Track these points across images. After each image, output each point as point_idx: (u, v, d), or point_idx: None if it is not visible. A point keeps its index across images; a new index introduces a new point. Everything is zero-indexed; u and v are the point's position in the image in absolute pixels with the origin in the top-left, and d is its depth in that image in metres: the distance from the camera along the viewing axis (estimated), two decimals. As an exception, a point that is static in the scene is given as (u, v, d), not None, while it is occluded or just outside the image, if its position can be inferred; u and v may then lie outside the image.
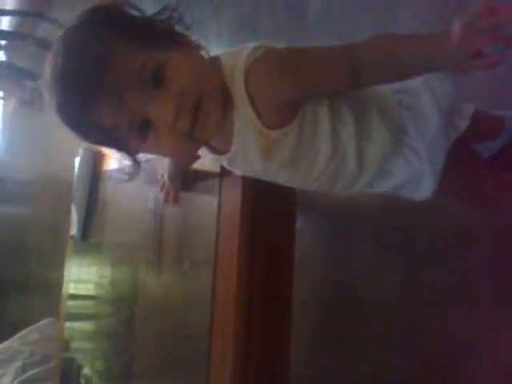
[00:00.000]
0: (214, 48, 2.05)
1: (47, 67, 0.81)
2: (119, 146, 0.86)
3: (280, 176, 0.94)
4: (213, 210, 1.12)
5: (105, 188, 1.77)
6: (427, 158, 0.91)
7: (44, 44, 3.93)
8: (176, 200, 1.26)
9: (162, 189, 1.29)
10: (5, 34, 4.82)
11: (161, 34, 0.82)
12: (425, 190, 0.94)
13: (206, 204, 1.19)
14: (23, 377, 2.50)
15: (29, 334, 2.81)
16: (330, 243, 1.45)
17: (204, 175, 0.93)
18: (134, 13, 0.84)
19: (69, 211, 1.90)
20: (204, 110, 0.79)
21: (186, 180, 1.25)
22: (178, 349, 1.33)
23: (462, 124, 0.95)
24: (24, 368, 2.55)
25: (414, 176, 0.94)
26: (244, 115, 0.83)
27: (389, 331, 1.29)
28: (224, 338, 1.06)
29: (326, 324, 1.44)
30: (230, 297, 1.05)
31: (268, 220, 1.02)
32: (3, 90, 5.20)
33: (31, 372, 2.52)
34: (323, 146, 0.88)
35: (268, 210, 0.92)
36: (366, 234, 1.36)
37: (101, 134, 0.83)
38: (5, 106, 5.48)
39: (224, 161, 0.93)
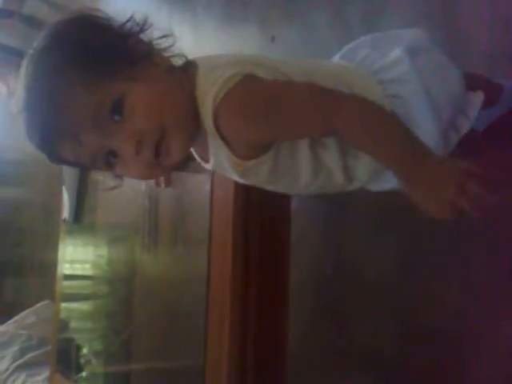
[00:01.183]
0: (202, 23, 2.02)
1: (17, 88, 0.79)
2: (92, 169, 0.86)
3: (264, 187, 0.92)
4: (206, 191, 1.11)
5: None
6: None
7: (31, 21, 3.86)
8: (168, 183, 1.24)
9: None
10: (-10, 12, 4.75)
11: (120, 59, 0.76)
12: None
13: (199, 184, 1.17)
14: (21, 360, 2.51)
15: (25, 317, 2.81)
16: (326, 222, 1.44)
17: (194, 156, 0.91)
18: (100, 24, 0.79)
19: (61, 192, 1.88)
20: (167, 140, 0.76)
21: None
22: (175, 327, 1.33)
23: (465, 125, 0.90)
24: (22, 351, 2.56)
25: None
26: (215, 143, 0.79)
27: (385, 308, 1.29)
28: (220, 318, 1.06)
29: (322, 303, 1.44)
30: (225, 276, 1.05)
31: (262, 200, 1.01)
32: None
33: (29, 355, 2.53)
34: (303, 170, 0.85)
35: (262, 190, 0.91)
36: (362, 212, 1.35)
37: (70, 163, 0.82)
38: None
39: (207, 167, 0.89)
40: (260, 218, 0.91)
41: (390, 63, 0.88)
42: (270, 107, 0.77)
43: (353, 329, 1.37)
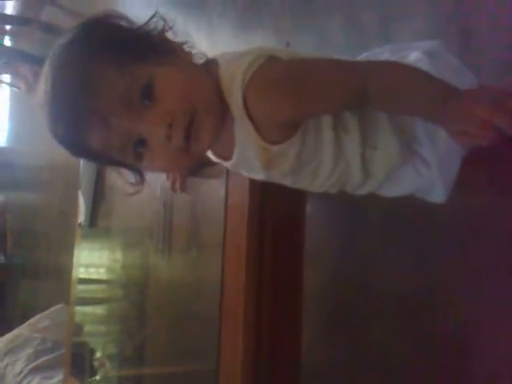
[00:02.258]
0: (217, 30, 2.02)
1: (40, 85, 0.79)
2: (118, 164, 0.85)
3: (284, 182, 0.92)
4: (221, 196, 1.12)
5: (111, 174, 1.77)
6: (438, 170, 0.86)
7: (49, 28, 3.91)
8: (183, 188, 1.24)
9: (168, 177, 1.27)
10: (9, 19, 4.81)
11: (147, 48, 0.78)
12: (436, 197, 0.89)
13: (214, 189, 1.18)
14: (35, 363, 2.52)
15: (40, 320, 2.83)
16: (341, 228, 1.44)
17: (211, 161, 0.92)
18: (123, 24, 0.81)
19: (77, 197, 1.90)
20: (197, 125, 0.77)
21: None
22: (188, 332, 1.34)
23: None
24: (36, 355, 2.57)
25: (424, 185, 0.90)
26: (243, 129, 0.80)
27: (400, 315, 1.28)
28: (235, 323, 1.06)
29: (336, 308, 1.43)
30: (239, 281, 1.05)
31: (277, 206, 1.01)
32: (11, 76, 5.20)
33: (43, 359, 2.54)
34: (326, 155, 0.85)
35: (276, 196, 0.91)
36: (377, 218, 1.35)
37: (97, 156, 0.82)
38: (13, 91, 5.48)
39: (228, 165, 0.90)
40: (274, 223, 0.91)
41: (410, 63, 0.87)
42: (299, 78, 0.78)
43: (366, 335, 1.37)
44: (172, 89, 0.76)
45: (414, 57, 0.88)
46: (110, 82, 0.75)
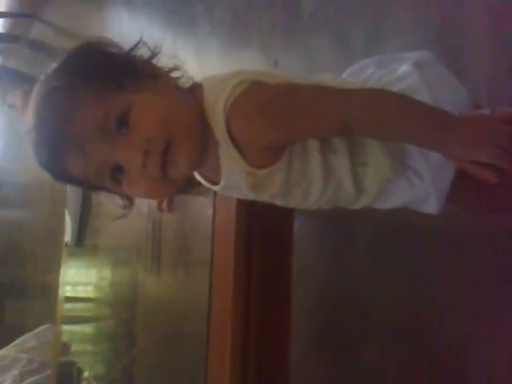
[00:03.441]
0: (206, 48, 2.03)
1: (27, 110, 0.80)
2: (100, 190, 0.86)
3: (275, 202, 0.91)
4: (209, 215, 1.11)
5: (100, 196, 1.76)
6: (431, 183, 0.85)
7: (37, 46, 3.91)
8: (170, 207, 1.24)
9: None
10: (-2, 37, 4.81)
11: (128, 75, 0.78)
12: (430, 208, 0.88)
13: (202, 208, 1.17)
14: (21, 385, 2.49)
15: (26, 340, 2.79)
16: (329, 246, 1.43)
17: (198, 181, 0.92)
18: (111, 51, 0.81)
19: (64, 215, 1.89)
20: (174, 150, 0.76)
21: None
22: (177, 351, 1.33)
23: None
24: (21, 376, 2.53)
25: (418, 197, 0.89)
26: (228, 153, 0.79)
27: (388, 333, 1.28)
28: (222, 341, 1.06)
29: (324, 327, 1.43)
30: (227, 300, 1.04)
31: (264, 224, 1.01)
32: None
33: (29, 380, 2.51)
34: (316, 177, 0.84)
35: (264, 213, 0.91)
36: (366, 235, 1.35)
37: (78, 182, 0.83)
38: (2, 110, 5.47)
39: (217, 189, 0.89)
40: (262, 241, 0.91)
41: (399, 77, 0.87)
42: (283, 104, 0.78)
43: (356, 354, 1.36)
44: (148, 115, 0.76)
45: (402, 71, 0.88)
46: (88, 109, 0.76)
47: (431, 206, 0.89)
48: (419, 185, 0.87)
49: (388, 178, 0.87)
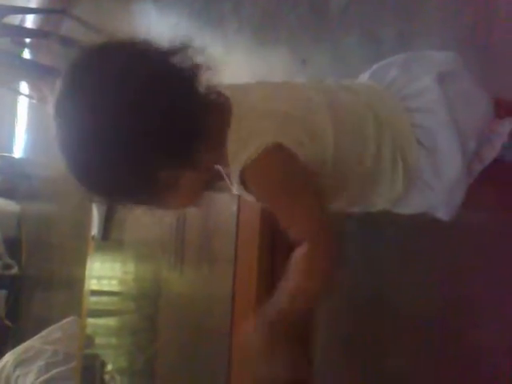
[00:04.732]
0: (233, 46, 2.02)
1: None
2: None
3: None
4: (233, 211, 1.12)
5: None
6: (443, 199, 0.88)
7: (67, 41, 3.95)
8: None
9: None
10: (29, 32, 4.87)
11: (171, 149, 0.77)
12: (442, 215, 0.90)
13: (226, 205, 1.18)
14: (46, 376, 2.52)
15: (51, 332, 2.82)
16: (356, 247, 1.42)
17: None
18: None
19: (91, 209, 1.91)
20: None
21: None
22: (199, 345, 1.33)
23: (490, 154, 0.89)
24: (47, 367, 2.56)
25: (430, 206, 0.91)
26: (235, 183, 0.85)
27: (417, 336, 1.26)
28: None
29: (350, 329, 1.42)
30: (250, 297, 1.04)
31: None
32: (29, 88, 5.26)
33: (54, 371, 2.54)
34: None
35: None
36: (393, 237, 1.33)
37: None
38: (32, 103, 5.55)
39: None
40: (286, 240, 0.90)
41: (419, 91, 0.88)
42: (279, 190, 0.82)
43: (384, 356, 1.35)
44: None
45: (424, 85, 0.88)
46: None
47: (443, 215, 0.90)
48: (431, 196, 0.89)
49: (399, 195, 0.90)
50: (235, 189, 0.86)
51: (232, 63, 2.04)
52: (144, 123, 0.72)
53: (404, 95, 0.89)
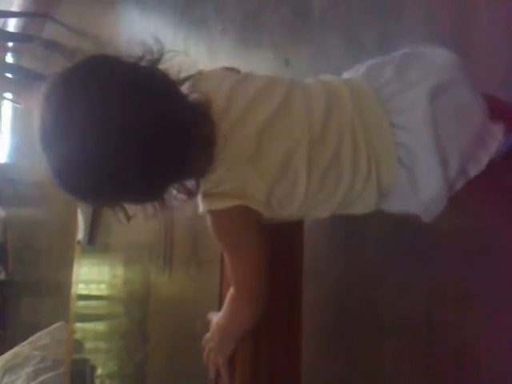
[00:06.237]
0: (216, 46, 2.02)
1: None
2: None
3: None
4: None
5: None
6: (421, 212, 0.90)
7: (51, 45, 3.93)
8: None
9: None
10: (12, 36, 4.84)
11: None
12: (424, 219, 0.91)
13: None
14: (34, 382, 2.50)
15: (40, 338, 2.80)
16: (340, 247, 1.43)
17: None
18: None
19: (76, 213, 1.90)
20: None
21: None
22: (188, 349, 1.33)
23: (474, 170, 0.88)
24: (35, 373, 2.55)
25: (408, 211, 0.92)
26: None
27: (402, 333, 1.27)
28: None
29: (336, 329, 1.42)
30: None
31: (274, 222, 1.01)
32: (13, 93, 5.22)
33: (42, 377, 2.52)
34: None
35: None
36: (376, 235, 1.34)
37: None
38: (16, 108, 5.51)
39: None
40: (272, 238, 0.91)
41: (406, 106, 0.86)
42: (227, 242, 0.92)
43: (367, 353, 1.35)
44: None
45: (412, 100, 0.86)
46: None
47: (424, 217, 0.91)
48: (407, 204, 0.90)
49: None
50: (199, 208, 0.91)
51: (217, 62, 2.05)
52: (133, 145, 0.76)
53: (391, 108, 0.87)
